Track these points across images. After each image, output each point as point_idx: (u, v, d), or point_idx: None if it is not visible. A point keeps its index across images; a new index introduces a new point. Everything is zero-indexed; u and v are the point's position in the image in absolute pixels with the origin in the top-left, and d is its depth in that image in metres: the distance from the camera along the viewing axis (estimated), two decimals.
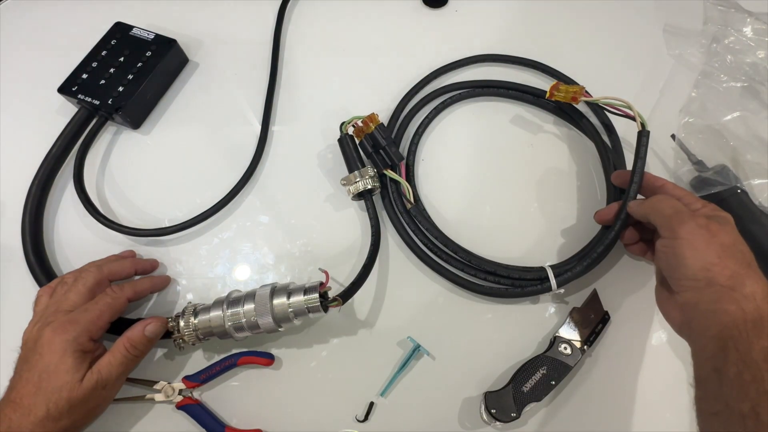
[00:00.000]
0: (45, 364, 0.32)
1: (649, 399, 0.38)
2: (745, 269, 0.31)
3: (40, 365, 0.32)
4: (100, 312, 0.34)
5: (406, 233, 0.43)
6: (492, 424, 0.36)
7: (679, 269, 0.32)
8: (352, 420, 0.37)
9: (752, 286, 0.30)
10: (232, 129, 0.49)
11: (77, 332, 0.32)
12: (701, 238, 0.32)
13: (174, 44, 0.50)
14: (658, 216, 0.35)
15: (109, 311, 0.35)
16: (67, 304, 0.35)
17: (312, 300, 0.35)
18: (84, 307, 0.34)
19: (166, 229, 0.42)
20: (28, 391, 0.31)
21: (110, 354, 0.34)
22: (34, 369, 0.32)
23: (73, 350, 0.32)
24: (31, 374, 0.32)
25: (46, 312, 0.35)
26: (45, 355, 0.32)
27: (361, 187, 0.42)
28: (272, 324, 0.35)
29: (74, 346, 0.32)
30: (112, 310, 0.35)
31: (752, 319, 0.29)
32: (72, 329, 0.33)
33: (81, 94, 0.46)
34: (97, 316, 0.34)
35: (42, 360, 0.32)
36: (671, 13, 0.57)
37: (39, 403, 0.31)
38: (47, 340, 0.32)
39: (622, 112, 0.42)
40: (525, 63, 0.53)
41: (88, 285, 0.36)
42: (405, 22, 0.57)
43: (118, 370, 0.34)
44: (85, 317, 0.33)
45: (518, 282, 0.40)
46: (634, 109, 0.40)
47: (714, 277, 0.31)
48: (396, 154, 0.42)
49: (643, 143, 0.40)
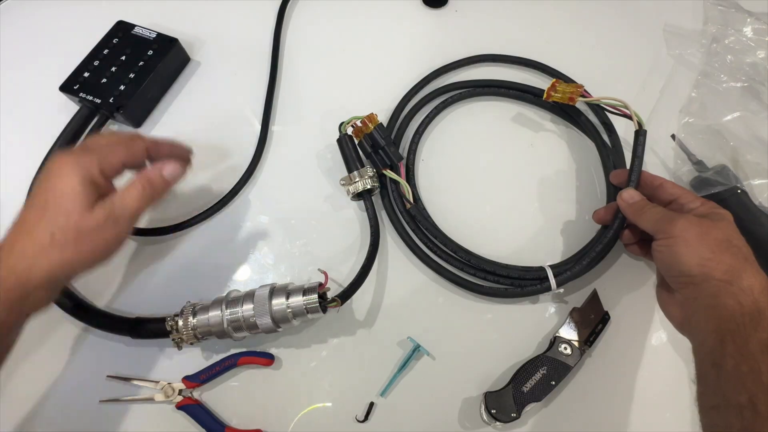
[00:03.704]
0: (52, 187, 0.30)
1: (649, 399, 0.38)
2: (742, 263, 0.31)
3: (47, 189, 0.30)
4: (115, 146, 0.32)
5: (405, 233, 0.43)
6: (492, 424, 0.36)
7: (675, 267, 0.33)
8: (352, 420, 0.37)
9: (749, 279, 0.30)
10: (233, 128, 0.49)
11: (88, 159, 0.31)
12: (694, 234, 0.32)
13: (176, 43, 0.50)
14: (648, 223, 0.35)
15: (123, 149, 0.33)
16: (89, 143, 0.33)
17: (311, 301, 0.35)
18: (98, 143, 0.32)
19: (166, 228, 0.42)
20: (33, 215, 0.29)
21: (124, 189, 0.32)
22: (40, 194, 0.30)
23: (83, 176, 0.30)
24: (38, 199, 0.30)
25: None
26: (52, 178, 0.30)
27: (360, 188, 0.42)
28: (271, 324, 0.35)
29: (84, 172, 0.30)
30: (127, 150, 0.33)
31: (750, 312, 0.29)
32: (83, 156, 0.31)
33: (82, 92, 0.46)
34: (111, 150, 0.32)
35: (49, 183, 0.30)
36: (671, 13, 0.57)
37: (43, 228, 0.29)
38: (57, 165, 0.30)
39: (620, 112, 0.42)
40: (525, 63, 0.53)
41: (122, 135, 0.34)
42: (405, 22, 0.57)
43: (132, 205, 0.32)
44: (97, 148, 0.32)
45: (518, 282, 0.40)
46: (630, 108, 0.40)
47: (709, 272, 0.31)
48: (395, 154, 0.41)
49: (640, 143, 0.39)
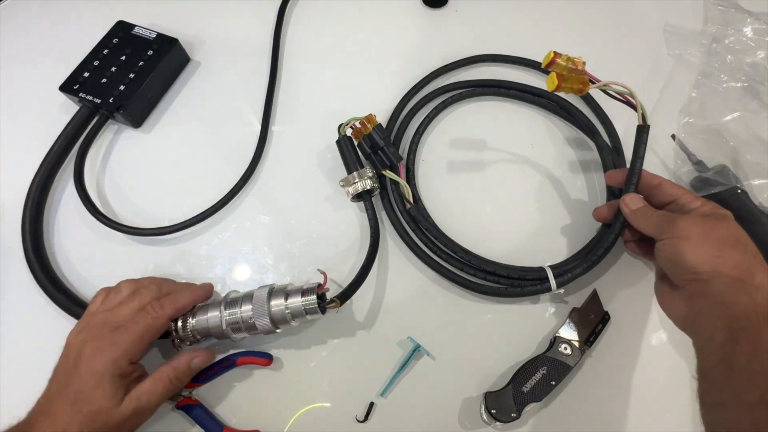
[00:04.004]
0: (82, 384, 0.31)
1: (649, 399, 0.38)
2: (752, 260, 0.31)
3: (76, 384, 0.31)
4: (141, 334, 0.33)
5: (405, 233, 0.43)
6: (492, 424, 0.36)
7: (680, 265, 0.32)
8: (352, 420, 0.37)
9: (761, 277, 0.30)
10: (233, 128, 0.49)
11: (117, 355, 0.32)
12: (698, 233, 0.32)
13: (176, 43, 0.50)
14: (650, 228, 0.35)
15: (149, 333, 0.33)
16: (115, 319, 0.33)
17: (310, 302, 0.35)
18: (125, 326, 0.33)
19: (165, 228, 0.42)
20: (64, 409, 0.30)
21: (152, 381, 0.33)
22: (69, 387, 0.31)
23: (112, 374, 0.31)
24: (67, 392, 0.31)
25: (93, 321, 0.34)
26: (83, 374, 0.31)
27: (360, 188, 0.42)
28: (269, 326, 0.35)
29: (113, 369, 0.31)
30: (152, 331, 0.34)
31: (764, 312, 0.29)
32: (113, 351, 0.32)
33: (82, 92, 0.46)
34: (138, 338, 0.33)
35: (80, 379, 0.31)
36: (671, 13, 0.57)
37: (74, 424, 0.30)
38: (88, 357, 0.31)
39: (625, 99, 0.39)
40: (525, 63, 0.53)
41: (143, 304, 0.34)
42: (405, 22, 0.57)
43: (157, 400, 0.33)
44: (126, 339, 0.32)
45: (518, 282, 0.40)
46: (636, 97, 0.37)
47: (718, 267, 0.31)
48: (394, 154, 0.41)
49: (643, 141, 0.38)
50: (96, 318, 0.34)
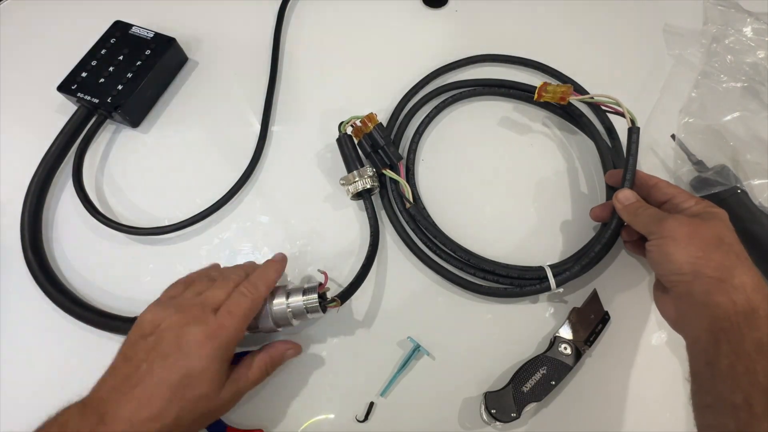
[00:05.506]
0: (190, 367, 0.29)
1: (649, 399, 0.38)
2: (733, 260, 0.31)
3: (183, 367, 0.29)
4: (244, 316, 0.32)
5: (405, 233, 0.43)
6: (492, 424, 0.36)
7: (666, 265, 0.33)
8: (352, 420, 0.37)
9: (741, 276, 0.30)
10: (232, 128, 0.49)
11: (227, 340, 0.30)
12: (683, 233, 0.32)
13: (173, 43, 0.49)
14: (641, 225, 0.36)
15: (250, 315, 0.32)
16: (212, 301, 0.32)
17: (311, 301, 0.35)
18: (227, 309, 0.31)
19: (164, 228, 0.42)
20: (159, 392, 0.28)
21: (249, 369, 0.33)
22: (173, 368, 0.28)
23: (221, 358, 0.30)
24: (169, 373, 0.28)
25: (187, 303, 0.31)
26: (192, 357, 0.29)
27: (359, 187, 0.41)
28: (271, 325, 0.35)
29: (223, 354, 0.30)
30: (252, 313, 0.33)
31: (743, 311, 0.29)
32: (223, 335, 0.30)
33: (80, 92, 0.45)
34: (243, 321, 0.32)
35: (188, 362, 0.29)
36: (671, 13, 0.57)
37: (172, 409, 0.28)
38: (197, 341, 0.29)
39: (612, 109, 0.42)
40: (525, 63, 0.53)
41: (237, 282, 0.33)
42: (405, 22, 0.56)
43: (252, 387, 0.33)
44: (232, 323, 0.31)
45: (517, 281, 0.40)
46: (623, 105, 0.40)
47: (700, 269, 0.31)
48: (394, 153, 0.41)
49: (634, 140, 0.39)
50: (191, 300, 0.32)
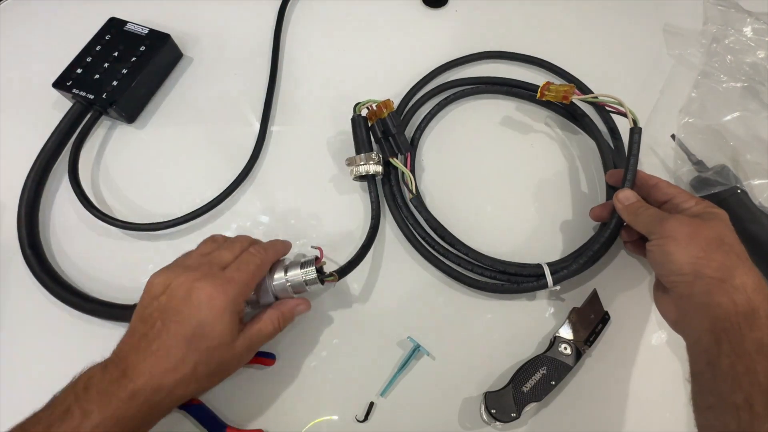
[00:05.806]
0: (202, 319, 0.29)
1: (649, 399, 0.38)
2: (734, 261, 0.31)
3: (195, 319, 0.29)
4: (253, 273, 0.33)
5: (405, 224, 0.43)
6: (492, 424, 0.36)
7: (667, 266, 0.33)
8: (352, 420, 0.37)
9: (742, 277, 0.30)
10: (229, 125, 0.49)
11: (236, 293, 0.31)
12: (684, 234, 0.32)
13: (168, 39, 0.49)
14: (641, 225, 0.36)
15: (259, 273, 0.33)
16: (220, 260, 0.32)
17: (309, 273, 0.35)
18: (236, 266, 0.32)
19: (160, 224, 0.42)
20: (177, 344, 0.29)
21: (262, 323, 0.33)
22: (186, 322, 0.29)
23: (232, 310, 0.30)
24: (183, 327, 0.29)
25: (195, 263, 0.32)
26: (203, 310, 0.29)
27: (363, 171, 0.41)
28: (272, 300, 0.35)
29: (233, 306, 0.30)
30: (261, 272, 0.34)
31: (744, 312, 0.29)
32: (232, 289, 0.31)
33: (75, 88, 0.45)
34: (252, 277, 0.33)
35: (200, 314, 0.29)
36: (671, 13, 0.57)
37: (188, 360, 0.29)
38: (208, 294, 0.30)
39: (614, 109, 0.42)
40: (528, 60, 0.53)
41: (244, 247, 0.34)
42: (405, 22, 0.56)
43: (265, 341, 0.33)
44: (241, 277, 0.32)
45: (514, 278, 0.40)
46: (625, 105, 0.40)
47: (701, 269, 0.31)
48: (404, 143, 0.41)
49: (635, 140, 0.39)
50: (198, 260, 0.33)
